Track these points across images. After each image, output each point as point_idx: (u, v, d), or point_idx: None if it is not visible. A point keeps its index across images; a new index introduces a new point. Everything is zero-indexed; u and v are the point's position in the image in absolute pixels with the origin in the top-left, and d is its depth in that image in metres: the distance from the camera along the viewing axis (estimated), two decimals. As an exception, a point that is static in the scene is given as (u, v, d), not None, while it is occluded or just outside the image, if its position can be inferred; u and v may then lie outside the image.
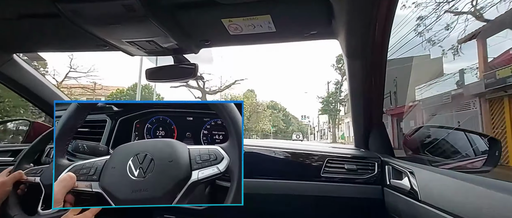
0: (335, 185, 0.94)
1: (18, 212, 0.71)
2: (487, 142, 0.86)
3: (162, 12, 0.70)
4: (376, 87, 0.94)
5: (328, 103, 24.39)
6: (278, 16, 0.74)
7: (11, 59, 1.07)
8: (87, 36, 0.76)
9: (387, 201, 0.87)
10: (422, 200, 0.65)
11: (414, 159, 0.91)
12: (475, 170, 0.85)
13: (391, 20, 0.73)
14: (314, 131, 39.85)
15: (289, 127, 46.92)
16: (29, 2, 0.71)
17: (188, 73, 1.00)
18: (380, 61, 0.86)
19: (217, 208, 0.90)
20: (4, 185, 0.71)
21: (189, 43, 0.89)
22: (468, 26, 6.80)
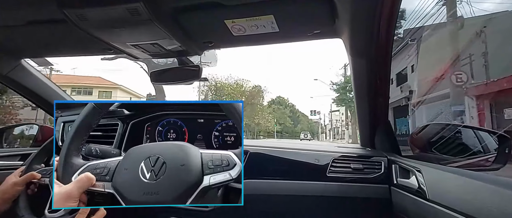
0: (341, 185, 0.94)
1: (26, 213, 0.72)
2: (497, 139, 0.85)
3: (166, 15, 0.71)
4: (382, 86, 0.93)
5: (345, 91, 18.36)
6: (281, 16, 0.74)
7: (19, 65, 1.09)
8: (92, 40, 0.77)
9: (394, 201, 0.86)
10: (430, 199, 0.64)
11: (421, 158, 0.90)
12: (485, 168, 0.83)
13: (396, 18, 0.72)
14: (326, 130, 35.62)
15: (297, 125, 43.38)
16: (36, 9, 0.72)
17: (192, 75, 1.01)
18: (385, 59, 0.85)
19: (222, 209, 0.91)
20: (16, 185, 0.73)
21: (193, 45, 0.90)
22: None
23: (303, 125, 48.83)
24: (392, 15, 0.71)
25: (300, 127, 45.90)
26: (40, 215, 0.72)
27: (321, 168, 0.97)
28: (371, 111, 1.02)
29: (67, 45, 0.98)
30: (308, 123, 49.71)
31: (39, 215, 0.72)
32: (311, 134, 36.60)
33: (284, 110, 40.24)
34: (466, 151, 0.94)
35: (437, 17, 6.75)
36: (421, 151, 1.02)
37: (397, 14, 0.71)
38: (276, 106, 37.06)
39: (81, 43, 0.92)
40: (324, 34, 0.86)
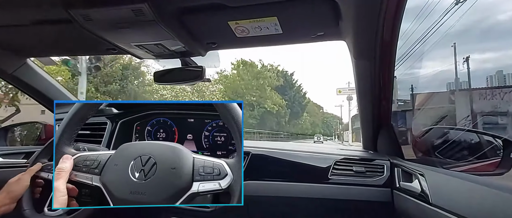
0: (343, 187, 0.93)
1: (28, 207, 0.73)
2: (501, 143, 0.84)
3: (170, 15, 0.71)
4: (385, 88, 0.92)
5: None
6: (285, 18, 0.74)
7: (24, 64, 1.11)
8: (97, 40, 0.78)
9: (397, 204, 0.86)
10: (433, 203, 0.63)
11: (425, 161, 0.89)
12: (489, 173, 0.83)
13: (400, 20, 0.72)
14: (350, 129, 23.59)
15: (302, 116, 29.73)
16: (42, 9, 0.73)
17: (196, 75, 1.01)
18: (388, 62, 0.85)
19: (224, 209, 0.91)
20: (22, 181, 0.73)
21: (196, 45, 0.90)
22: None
23: (316, 119, 33.93)
24: (396, 17, 0.70)
25: (306, 119, 30.14)
26: (40, 211, 0.73)
27: (323, 171, 0.96)
28: (374, 113, 1.02)
29: (72, 44, 0.99)
30: (323, 119, 35.49)
31: (39, 211, 0.73)
32: (324, 135, 28.45)
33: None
34: (470, 156, 0.93)
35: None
36: (424, 154, 1.01)
37: (402, 15, 0.71)
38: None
39: (85, 43, 0.93)
40: (327, 36, 0.86)
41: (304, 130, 30.03)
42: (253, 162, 1.00)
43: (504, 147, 0.82)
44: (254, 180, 0.96)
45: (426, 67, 10.87)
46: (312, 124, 34.61)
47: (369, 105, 1.00)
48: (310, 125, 33.61)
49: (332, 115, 38.33)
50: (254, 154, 1.02)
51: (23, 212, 0.72)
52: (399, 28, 0.73)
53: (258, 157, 1.01)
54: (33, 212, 0.73)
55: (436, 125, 2.19)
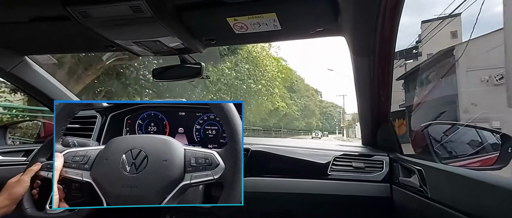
0: (343, 183, 0.94)
1: (29, 206, 0.73)
2: (500, 138, 0.84)
3: (168, 12, 0.71)
4: (384, 84, 0.92)
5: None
6: (284, 14, 0.74)
7: (22, 61, 1.10)
8: (95, 37, 0.78)
9: (396, 199, 0.86)
10: (432, 198, 0.64)
11: (423, 156, 0.90)
12: (487, 168, 0.83)
13: (399, 16, 0.72)
14: (355, 124, 21.66)
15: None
16: (40, 6, 0.72)
17: (195, 72, 1.01)
18: (387, 58, 0.84)
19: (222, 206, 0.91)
20: (22, 181, 0.73)
21: (195, 42, 0.90)
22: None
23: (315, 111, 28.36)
24: (396, 12, 0.70)
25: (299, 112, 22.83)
26: (41, 209, 0.73)
27: (322, 167, 0.97)
28: (373, 109, 1.02)
29: (70, 42, 0.99)
30: (320, 110, 29.14)
31: (41, 209, 0.73)
32: (330, 130, 24.50)
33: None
34: (468, 150, 0.93)
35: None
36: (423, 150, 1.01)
37: (401, 11, 0.70)
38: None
39: (83, 40, 0.92)
40: (326, 32, 0.85)
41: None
42: (252, 158, 1.00)
43: (502, 142, 0.83)
44: (253, 176, 0.97)
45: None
46: (304, 109, 25.08)
47: (368, 100, 1.00)
48: (301, 111, 23.98)
49: (333, 104, 31.91)
50: (253, 150, 1.02)
51: (24, 211, 0.72)
52: (398, 24, 0.73)
53: (258, 153, 1.02)
54: (34, 211, 0.73)
55: (435, 121, 2.19)
